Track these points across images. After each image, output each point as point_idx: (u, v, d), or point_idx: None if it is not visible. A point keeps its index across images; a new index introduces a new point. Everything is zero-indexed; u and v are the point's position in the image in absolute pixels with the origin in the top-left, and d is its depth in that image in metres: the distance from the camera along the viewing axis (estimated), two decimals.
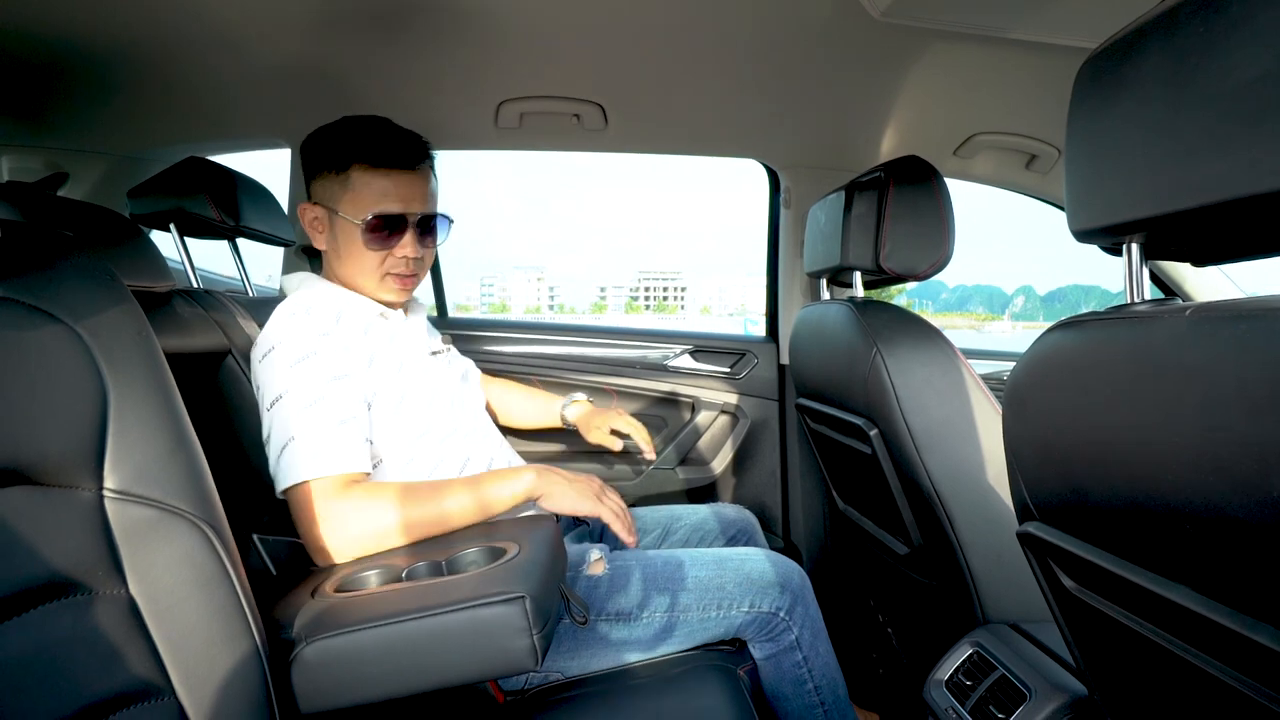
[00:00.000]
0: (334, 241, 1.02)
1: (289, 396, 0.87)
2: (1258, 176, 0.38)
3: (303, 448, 0.85)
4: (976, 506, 1.00)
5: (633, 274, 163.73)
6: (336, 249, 1.02)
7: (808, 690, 1.05)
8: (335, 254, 1.03)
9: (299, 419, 0.86)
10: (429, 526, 0.87)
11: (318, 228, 1.03)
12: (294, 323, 0.93)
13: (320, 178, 1.01)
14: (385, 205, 0.98)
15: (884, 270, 1.10)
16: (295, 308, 0.95)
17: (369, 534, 0.84)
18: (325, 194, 1.00)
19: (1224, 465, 0.39)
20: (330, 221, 1.01)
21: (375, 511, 0.84)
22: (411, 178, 1.00)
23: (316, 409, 0.87)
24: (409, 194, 0.99)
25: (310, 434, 0.85)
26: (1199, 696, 0.51)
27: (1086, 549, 0.55)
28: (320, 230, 1.03)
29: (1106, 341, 0.50)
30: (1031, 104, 1.43)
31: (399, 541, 0.86)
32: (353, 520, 0.84)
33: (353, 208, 0.98)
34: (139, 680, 0.54)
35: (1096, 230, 0.51)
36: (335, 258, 1.03)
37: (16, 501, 0.50)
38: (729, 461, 1.81)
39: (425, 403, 1.02)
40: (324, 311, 0.95)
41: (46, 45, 1.21)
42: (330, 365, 0.90)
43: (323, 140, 1.00)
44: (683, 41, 1.25)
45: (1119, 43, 0.48)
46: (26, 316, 0.52)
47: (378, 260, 1.01)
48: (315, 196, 1.02)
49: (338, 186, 0.99)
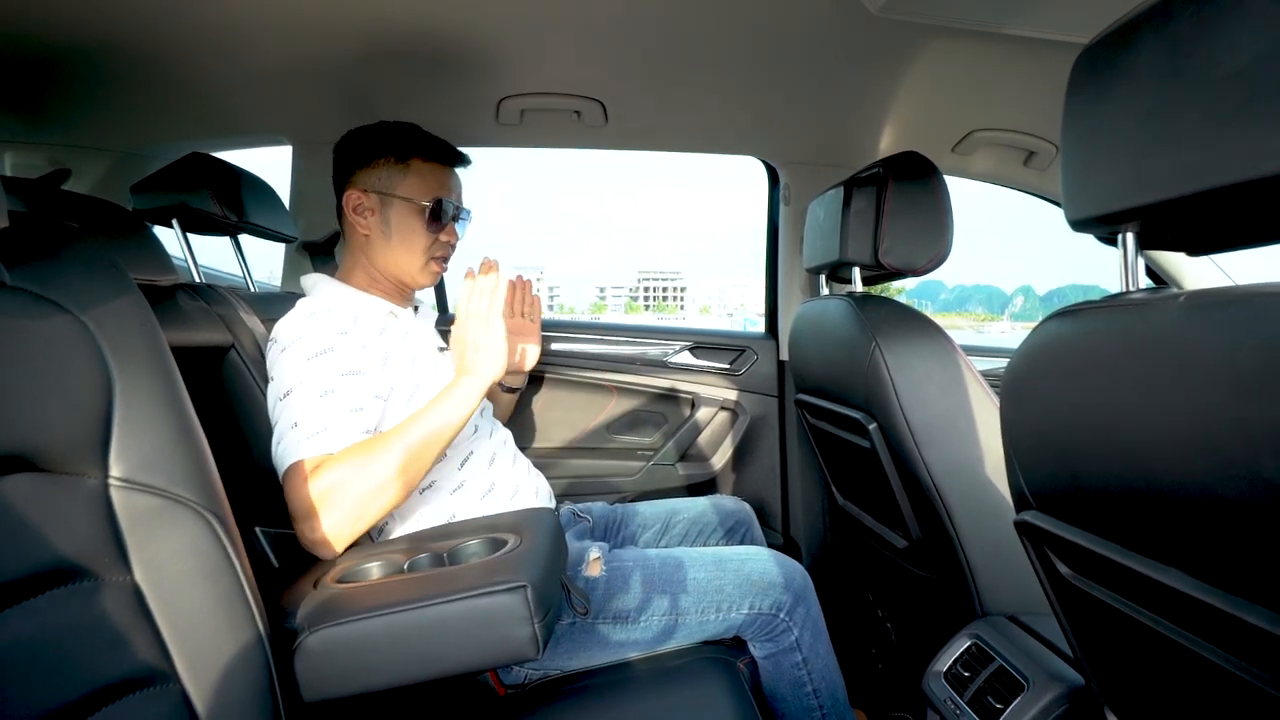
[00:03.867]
0: (384, 226, 1.07)
1: (302, 388, 0.89)
2: (1251, 162, 0.38)
3: (305, 430, 0.86)
4: (975, 500, 1.00)
5: (632, 274, 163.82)
6: (387, 233, 1.07)
7: (806, 693, 1.05)
8: (384, 238, 1.07)
9: (306, 408, 0.88)
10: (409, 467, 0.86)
11: (365, 213, 1.07)
12: (314, 321, 0.95)
13: (375, 166, 1.07)
14: (444, 193, 1.08)
15: (883, 265, 1.11)
16: (315, 307, 0.98)
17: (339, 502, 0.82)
18: (381, 181, 1.06)
19: (1215, 447, 0.39)
20: (383, 206, 1.06)
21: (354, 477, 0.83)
22: (455, 176, 1.12)
23: (328, 399, 0.89)
24: (457, 188, 1.12)
25: (316, 418, 0.87)
26: (1194, 682, 0.51)
27: (1082, 536, 0.55)
28: (369, 214, 1.07)
29: (1101, 329, 0.50)
30: (1029, 100, 1.43)
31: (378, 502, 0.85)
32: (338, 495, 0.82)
33: (415, 191, 1.06)
34: (144, 666, 0.54)
35: (1092, 220, 0.52)
36: (383, 241, 1.07)
37: (23, 488, 0.50)
38: (729, 457, 1.81)
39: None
40: (343, 312, 0.98)
41: (49, 41, 1.22)
42: (346, 362, 0.93)
43: (375, 135, 1.08)
44: (682, 39, 1.25)
45: (1113, 34, 0.49)
46: (33, 305, 0.52)
47: (428, 242, 1.08)
48: (365, 184, 1.07)
49: (398, 174, 1.06)
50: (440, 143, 1.11)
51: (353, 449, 0.86)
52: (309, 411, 0.87)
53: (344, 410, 0.89)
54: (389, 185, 1.06)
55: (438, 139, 1.11)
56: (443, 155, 1.10)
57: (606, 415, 1.82)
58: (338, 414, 0.88)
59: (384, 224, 1.07)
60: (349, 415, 0.89)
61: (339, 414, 0.88)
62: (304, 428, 0.86)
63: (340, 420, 0.88)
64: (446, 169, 1.11)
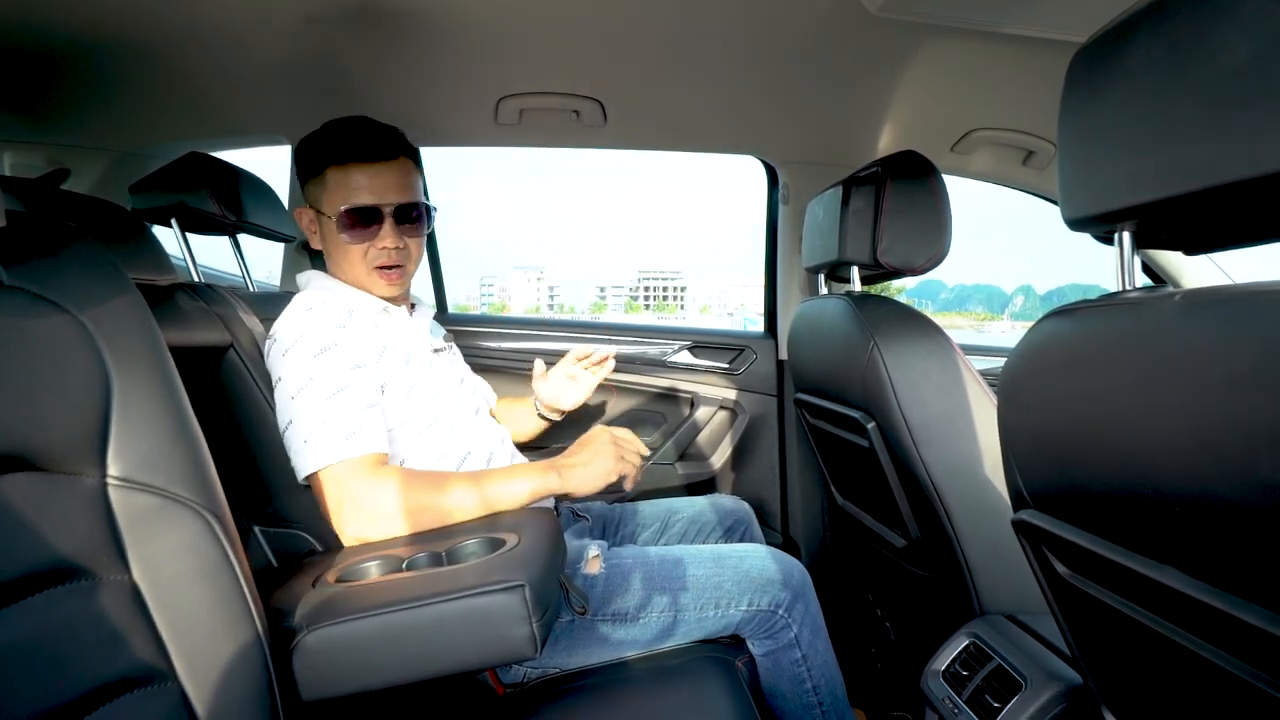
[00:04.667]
0: (325, 241, 1.07)
1: (314, 385, 0.90)
2: (1248, 160, 0.38)
3: (331, 432, 0.87)
4: (973, 499, 1.00)
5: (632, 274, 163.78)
6: (328, 249, 1.07)
7: (806, 690, 1.05)
8: (328, 254, 1.08)
9: (325, 406, 0.89)
10: (456, 512, 0.90)
11: (311, 229, 1.08)
12: (311, 317, 0.95)
13: (307, 183, 1.06)
14: (357, 198, 1.00)
15: (881, 264, 1.11)
16: (311, 302, 0.98)
17: (397, 512, 0.87)
18: (311, 196, 1.06)
19: (1211, 446, 0.39)
20: (319, 222, 1.06)
21: (406, 492, 0.87)
22: (383, 169, 1.01)
23: (342, 396, 0.90)
24: (382, 185, 1.01)
25: (337, 419, 0.88)
26: (1191, 680, 0.51)
27: (1079, 535, 0.55)
28: (314, 232, 1.08)
29: (1098, 328, 0.50)
30: (1028, 100, 1.43)
31: (425, 523, 0.88)
32: (382, 499, 0.86)
33: (329, 204, 1.02)
34: (142, 665, 0.54)
35: (1089, 219, 0.52)
36: (329, 257, 1.08)
37: (21, 487, 0.50)
38: (728, 457, 1.81)
39: (431, 395, 1.04)
40: (337, 306, 0.98)
41: (48, 41, 1.22)
42: (350, 355, 0.94)
43: (304, 146, 1.05)
44: (681, 38, 1.25)
45: (1109, 33, 0.49)
46: (31, 305, 0.52)
47: (360, 253, 1.03)
48: (306, 200, 1.07)
49: (318, 188, 1.04)
50: (357, 139, 1.01)
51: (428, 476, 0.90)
52: (329, 411, 0.88)
53: (362, 407, 0.90)
54: (316, 199, 1.04)
55: (359, 134, 1.01)
56: (358, 153, 1.00)
57: (606, 414, 1.82)
58: (359, 411, 0.90)
59: (324, 240, 1.06)
60: (369, 412, 0.91)
61: (360, 411, 0.90)
62: (335, 427, 0.88)
63: (366, 419, 0.90)
64: (368, 166, 1.00)
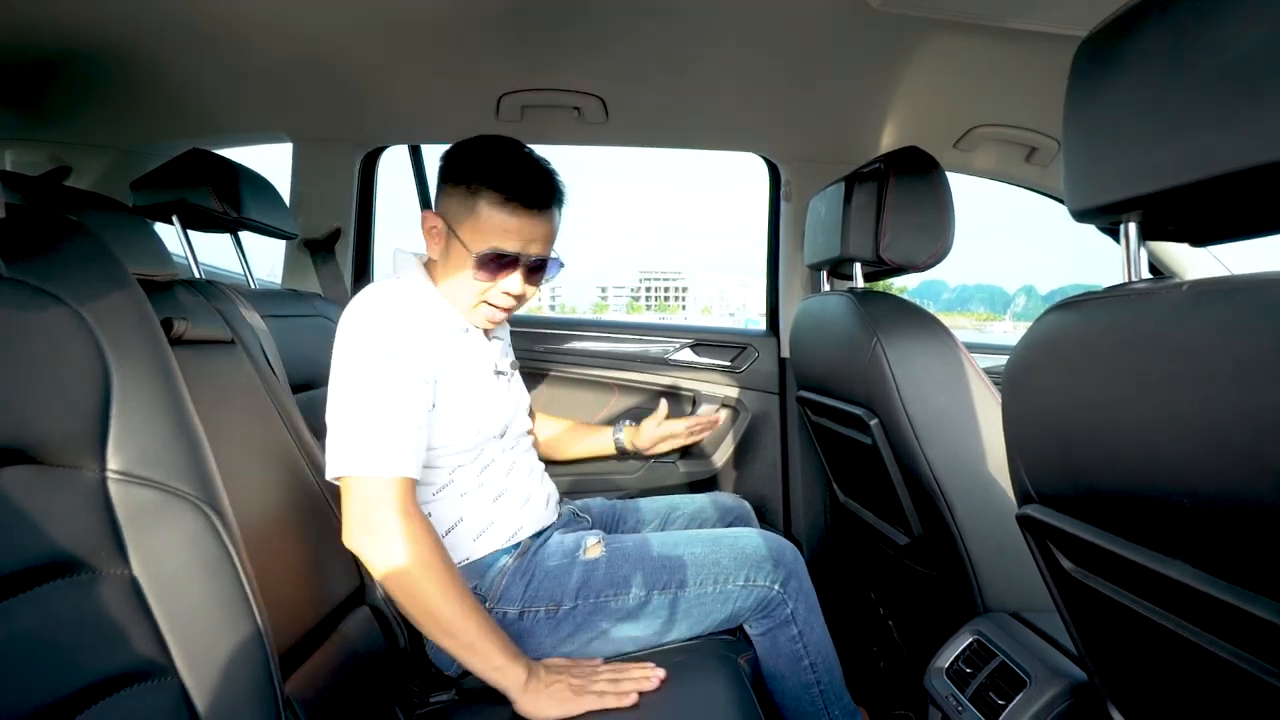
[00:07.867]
0: (445, 256, 1.00)
1: (367, 389, 0.88)
2: (1256, 148, 0.38)
3: (370, 443, 0.86)
4: (976, 496, 1.00)
5: (634, 274, 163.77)
6: (446, 265, 1.00)
7: (804, 667, 1.06)
8: (443, 268, 1.01)
9: (373, 414, 0.88)
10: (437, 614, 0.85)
11: (435, 238, 1.01)
12: (385, 317, 0.92)
13: (451, 190, 0.98)
14: (504, 243, 0.96)
15: (884, 261, 1.10)
16: (390, 299, 0.94)
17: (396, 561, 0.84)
18: (450, 210, 0.98)
19: (1220, 438, 0.39)
20: (447, 239, 0.99)
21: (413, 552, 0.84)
22: (538, 218, 0.97)
23: (392, 408, 0.88)
24: (530, 235, 0.97)
25: (381, 431, 0.87)
26: (1198, 675, 0.51)
27: (1085, 529, 0.55)
28: (436, 241, 1.01)
29: (1103, 319, 0.50)
30: (1031, 96, 1.42)
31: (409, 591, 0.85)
32: (392, 542, 0.84)
33: (471, 235, 0.96)
34: (142, 660, 0.54)
35: (1095, 210, 0.51)
36: (441, 271, 1.02)
37: (20, 480, 0.50)
38: (730, 454, 1.81)
39: (480, 424, 1.02)
40: (414, 314, 0.95)
41: (50, 39, 1.22)
42: (412, 370, 0.91)
43: (464, 156, 0.98)
44: (683, 35, 1.25)
45: (1115, 22, 0.48)
46: (32, 298, 0.52)
47: (480, 290, 0.99)
48: (440, 208, 1.00)
49: (464, 209, 0.96)
50: (523, 179, 0.95)
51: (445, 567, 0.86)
52: (377, 420, 0.87)
53: (409, 426, 0.89)
54: (455, 218, 0.97)
55: (525, 172, 0.96)
56: (524, 196, 0.95)
57: (608, 413, 1.82)
58: (404, 429, 0.88)
59: (444, 254, 1.00)
60: (414, 433, 0.89)
61: (405, 430, 0.88)
62: (376, 439, 0.86)
63: (409, 439, 0.88)
64: (524, 212, 0.95)
